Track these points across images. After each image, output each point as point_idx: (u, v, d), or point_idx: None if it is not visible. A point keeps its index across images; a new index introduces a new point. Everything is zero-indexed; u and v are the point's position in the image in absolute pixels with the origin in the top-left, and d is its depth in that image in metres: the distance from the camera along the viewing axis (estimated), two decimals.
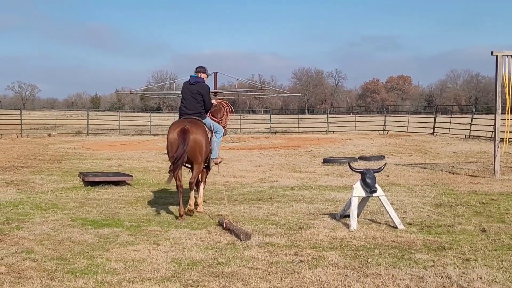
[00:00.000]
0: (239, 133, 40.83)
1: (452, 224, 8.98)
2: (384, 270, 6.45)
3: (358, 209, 9.02)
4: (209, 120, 10.45)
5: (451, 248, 7.45)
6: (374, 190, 8.84)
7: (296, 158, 20.88)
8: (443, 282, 6.02)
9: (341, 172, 16.00)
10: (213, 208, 10.58)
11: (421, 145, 26.67)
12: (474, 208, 10.40)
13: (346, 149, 24.89)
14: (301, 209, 10.34)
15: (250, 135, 39.13)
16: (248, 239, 7.91)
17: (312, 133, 40.74)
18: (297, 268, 6.59)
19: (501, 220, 9.29)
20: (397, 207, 10.21)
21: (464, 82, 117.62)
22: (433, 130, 36.05)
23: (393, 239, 7.98)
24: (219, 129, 10.57)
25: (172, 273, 6.39)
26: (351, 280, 6.14)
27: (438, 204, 10.79)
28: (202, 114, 10.21)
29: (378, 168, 9.49)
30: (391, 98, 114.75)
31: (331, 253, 7.23)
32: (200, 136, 9.75)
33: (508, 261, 6.76)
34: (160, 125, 47.46)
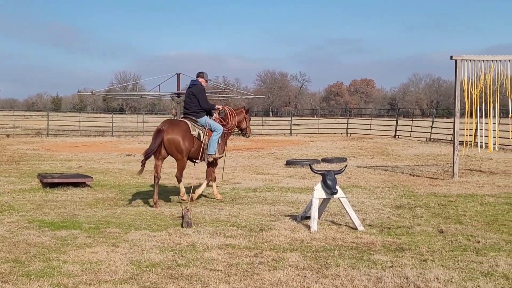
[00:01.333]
0: None
1: (411, 225, 9.08)
2: (343, 271, 6.48)
3: (319, 210, 9.05)
4: (205, 119, 11.40)
5: (410, 249, 7.53)
6: (334, 191, 8.88)
7: (259, 160, 20.91)
8: (400, 283, 6.07)
9: (303, 174, 16.07)
10: (174, 209, 10.49)
11: (383, 148, 26.96)
12: (433, 209, 10.54)
13: (309, 151, 25.02)
14: (262, 211, 10.33)
15: None
16: (188, 227, 8.72)
17: (275, 135, 40.86)
18: (256, 270, 6.57)
19: (459, 221, 9.43)
20: (357, 208, 10.29)
21: (426, 86, 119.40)
22: (395, 133, 36.50)
23: (353, 240, 8.03)
24: (217, 128, 11.46)
25: (130, 275, 6.30)
26: (310, 281, 6.15)
27: (398, 206, 10.90)
28: (197, 113, 11.37)
29: (339, 170, 9.55)
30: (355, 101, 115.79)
31: (291, 254, 7.24)
32: (175, 136, 10.89)
33: (464, 262, 6.86)
34: (122, 126, 47.09)
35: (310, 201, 9.11)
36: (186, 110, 11.55)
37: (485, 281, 6.08)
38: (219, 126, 11.57)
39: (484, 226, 9.07)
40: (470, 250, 7.48)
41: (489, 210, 10.47)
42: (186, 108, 11.56)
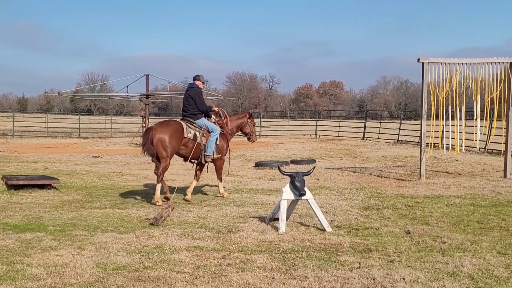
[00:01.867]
0: None
1: (379, 226, 9.15)
2: (311, 272, 6.49)
3: (287, 212, 9.06)
4: (202, 121, 11.84)
5: (377, 250, 7.58)
6: (303, 193, 8.90)
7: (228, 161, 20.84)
8: (367, 283, 6.11)
9: (272, 176, 16.08)
10: (142, 211, 10.40)
11: (352, 149, 27.16)
12: (400, 210, 10.64)
13: (278, 153, 25.06)
14: (231, 213, 10.31)
15: None
16: (155, 224, 8.98)
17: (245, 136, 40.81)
18: (224, 272, 6.54)
19: (425, 222, 9.53)
20: (326, 210, 10.33)
21: (394, 88, 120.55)
22: (363, 134, 36.80)
23: (321, 242, 8.05)
24: (214, 129, 11.91)
25: (96, 278, 6.22)
26: (278, 282, 6.15)
27: (366, 207, 10.98)
28: (195, 115, 11.83)
29: (307, 172, 9.58)
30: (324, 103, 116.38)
31: (259, 256, 7.23)
32: (163, 135, 11.27)
33: (430, 262, 6.93)
34: (90, 127, 46.57)
35: (278, 202, 9.12)
36: (184, 113, 11.98)
37: (450, 281, 6.15)
38: (216, 127, 11.99)
39: (450, 227, 9.18)
40: (436, 250, 7.57)
41: (455, 211, 10.61)
42: (184, 111, 11.98)
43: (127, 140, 34.28)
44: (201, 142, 11.83)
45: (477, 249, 7.62)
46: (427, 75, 15.36)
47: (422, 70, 15.35)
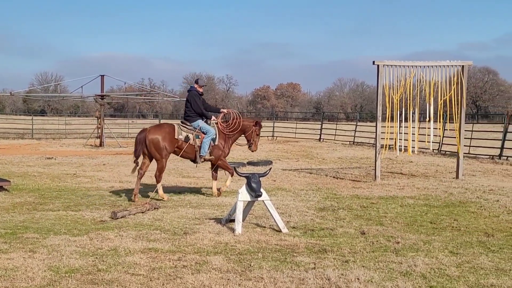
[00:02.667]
0: (127, 137, 40.03)
1: (334, 227, 9.22)
2: (267, 273, 6.49)
3: (243, 213, 9.05)
4: (198, 123, 12.33)
5: (332, 250, 7.64)
6: (259, 194, 8.90)
7: (185, 163, 20.68)
8: (322, 284, 6.14)
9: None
10: (96, 214, 10.24)
11: (308, 151, 27.32)
12: (355, 211, 10.74)
13: (235, 154, 25.01)
14: (187, 214, 10.24)
15: None
16: (114, 218, 9.57)
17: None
18: (179, 273, 6.50)
19: (380, 222, 9.65)
20: (282, 211, 10.35)
21: (350, 90, 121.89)
22: (320, 136, 37.07)
23: (276, 243, 8.07)
24: (208, 131, 12.33)
25: (48, 282, 6.10)
26: (234, 284, 6.13)
27: (322, 208, 11.05)
28: (191, 118, 12.40)
29: (264, 173, 9.60)
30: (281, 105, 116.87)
31: (215, 257, 7.20)
32: (155, 136, 11.98)
33: (384, 262, 7.02)
34: (44, 128, 45.70)
35: (234, 204, 9.10)
36: (183, 115, 12.68)
37: (403, 281, 6.24)
38: (211, 129, 12.38)
39: (404, 227, 9.32)
40: (390, 250, 7.67)
41: (408, 211, 10.77)
42: (184, 113, 12.68)
43: (82, 142, 33.77)
44: (194, 143, 12.28)
45: (429, 249, 7.75)
46: (382, 77, 15.56)
47: (377, 72, 15.55)
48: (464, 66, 15.93)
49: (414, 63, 15.76)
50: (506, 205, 11.38)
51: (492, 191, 13.32)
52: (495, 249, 7.79)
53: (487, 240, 8.37)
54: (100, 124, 31.23)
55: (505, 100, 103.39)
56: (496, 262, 7.08)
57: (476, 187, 14.01)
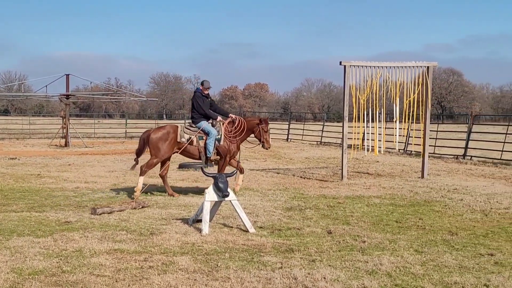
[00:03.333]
0: (93, 137, 39.60)
1: (301, 226, 9.25)
2: (233, 273, 6.48)
3: (210, 213, 9.02)
4: (201, 124, 12.59)
5: (299, 250, 7.66)
6: (226, 194, 8.87)
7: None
8: (289, 283, 6.16)
9: (196, 177, 15.98)
10: (61, 214, 10.09)
11: (276, 151, 27.36)
12: (322, 211, 10.79)
13: None
14: (153, 215, 10.17)
15: (105, 139, 38.09)
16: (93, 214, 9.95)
17: None
18: (146, 274, 6.45)
19: (346, 222, 9.71)
20: (249, 211, 10.35)
21: (318, 90, 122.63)
22: (287, 136, 37.17)
23: (244, 243, 8.06)
24: (210, 132, 12.55)
25: (11, 284, 6.00)
26: (200, 284, 6.11)
27: (289, 208, 11.07)
28: (195, 119, 12.74)
29: (231, 173, 9.58)
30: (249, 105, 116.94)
31: (182, 258, 7.16)
32: (155, 135, 12.47)
33: (351, 261, 7.06)
34: (7, 128, 44.92)
35: (201, 204, 9.06)
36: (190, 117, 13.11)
37: (369, 279, 6.29)
38: (213, 130, 12.58)
39: (370, 226, 9.40)
40: (356, 249, 7.72)
41: (374, 211, 10.87)
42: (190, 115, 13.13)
43: (47, 142, 33.26)
44: (197, 145, 12.58)
45: (395, 248, 7.83)
46: (348, 78, 15.67)
47: (344, 73, 15.65)
48: (429, 67, 16.14)
49: (380, 64, 15.91)
50: (469, 204, 11.56)
51: (456, 190, 13.52)
52: (459, 247, 7.90)
53: (451, 238, 8.49)
54: (65, 124, 30.80)
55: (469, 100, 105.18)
56: (459, 260, 7.19)
57: (440, 187, 14.20)
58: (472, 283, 6.21)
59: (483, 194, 12.81)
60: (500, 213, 10.62)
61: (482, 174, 17.50)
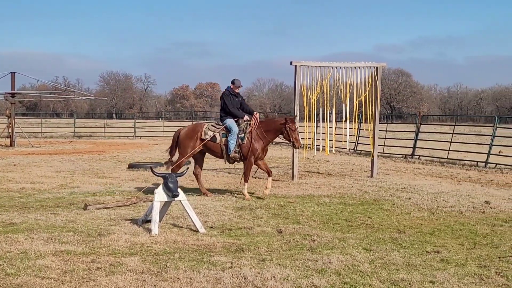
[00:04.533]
0: (39, 137, 38.76)
1: (252, 226, 9.24)
2: (183, 274, 6.42)
3: (160, 213, 8.93)
4: (226, 121, 12.59)
5: (249, 249, 7.64)
6: (176, 194, 8.79)
7: (101, 163, 20.28)
8: (239, 283, 6.13)
9: (146, 177, 15.79)
10: (5, 216, 9.81)
11: None
12: (273, 210, 10.81)
13: (153, 154, 24.70)
14: (102, 215, 9.99)
15: (53, 139, 37.34)
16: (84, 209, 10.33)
17: (119, 138, 39.96)
18: (93, 276, 6.32)
19: (297, 221, 9.75)
20: (200, 211, 10.28)
21: (269, 90, 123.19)
22: None
23: (193, 243, 8.00)
24: (232, 129, 12.48)
25: None
26: (149, 285, 6.03)
27: (240, 208, 11.05)
28: (222, 117, 12.82)
29: (181, 173, 9.51)
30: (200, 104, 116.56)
31: (130, 258, 7.05)
32: (182, 134, 12.89)
33: (300, 260, 7.08)
34: None
35: (151, 204, 8.96)
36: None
37: (318, 278, 6.32)
38: (234, 128, 12.50)
39: (320, 225, 9.46)
40: (306, 248, 7.75)
41: (324, 209, 10.95)
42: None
43: None
44: (220, 142, 12.64)
45: (344, 246, 7.89)
46: (299, 77, 15.75)
47: (295, 73, 15.73)
48: (378, 67, 16.36)
49: (330, 64, 16.05)
50: (417, 202, 11.77)
51: (404, 189, 13.74)
52: (406, 245, 8.03)
53: (399, 236, 8.61)
54: (11, 123, 30.04)
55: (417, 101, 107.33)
56: (407, 258, 7.30)
57: (389, 186, 14.41)
58: (418, 280, 6.31)
59: (430, 193, 13.06)
60: (446, 211, 10.85)
61: (429, 173, 17.86)
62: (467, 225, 9.55)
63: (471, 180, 16.31)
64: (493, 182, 15.74)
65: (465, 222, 9.80)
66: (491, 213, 10.71)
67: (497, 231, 9.12)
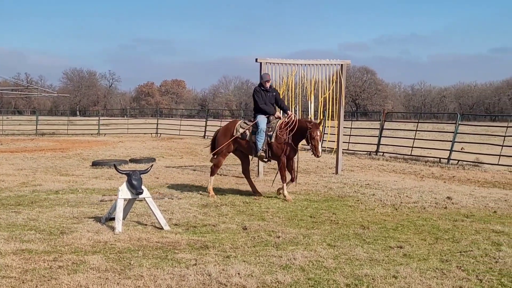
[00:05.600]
0: (0, 135, 38.05)
1: (217, 223, 9.22)
2: (147, 271, 6.37)
3: (124, 211, 8.85)
4: (257, 118, 12.23)
5: (214, 246, 7.63)
6: (140, 191, 8.73)
7: (64, 161, 20.00)
8: (203, 280, 6.11)
9: (110, 175, 15.64)
10: None
11: (192, 148, 27.22)
12: (238, 207, 10.80)
13: (117, 152, 24.46)
14: (64, 213, 9.86)
15: (14, 137, 36.67)
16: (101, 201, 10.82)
17: (82, 135, 39.46)
18: (55, 274, 6.23)
19: (262, 218, 9.77)
20: (164, 208, 10.22)
21: (235, 87, 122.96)
22: (204, 133, 37.06)
23: (158, 240, 7.95)
24: (259, 127, 12.09)
25: None
26: (112, 283, 5.97)
27: (205, 205, 11.02)
28: (254, 114, 12.53)
29: (145, 170, 9.44)
30: (166, 102, 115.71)
31: (93, 257, 6.97)
32: (219, 133, 12.86)
33: (265, 256, 7.10)
34: None
35: (115, 202, 8.88)
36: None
37: (283, 274, 6.33)
38: (262, 125, 12.10)
39: (285, 221, 9.49)
40: (271, 245, 7.77)
41: (289, 206, 10.98)
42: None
43: None
44: (250, 139, 12.30)
45: (309, 242, 7.93)
46: None
47: (260, 70, 15.72)
48: (343, 65, 16.47)
49: (295, 62, 16.09)
50: (381, 199, 11.89)
51: (368, 186, 13.87)
52: (370, 241, 8.10)
53: (363, 232, 8.69)
54: None
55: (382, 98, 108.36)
56: (370, 253, 7.37)
57: (354, 182, 14.53)
58: (381, 275, 6.37)
59: (394, 189, 13.20)
60: (409, 207, 10.98)
61: (393, 170, 18.06)
62: (429, 221, 9.70)
63: (434, 176, 16.55)
64: (455, 178, 16.01)
65: (427, 218, 9.95)
66: (453, 209, 10.88)
67: (459, 226, 9.27)
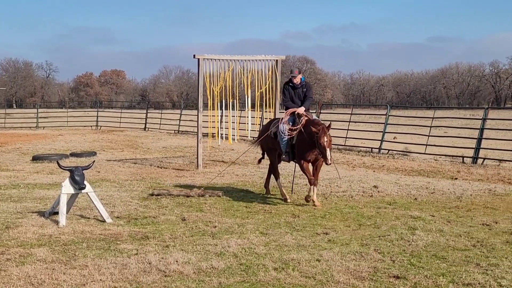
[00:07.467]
0: None
1: (157, 215, 9.74)
2: (91, 261, 6.87)
3: (67, 205, 9.25)
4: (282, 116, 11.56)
5: (154, 237, 8.17)
6: (82, 187, 9.16)
7: (3, 156, 20.03)
8: (144, 267, 6.66)
9: (51, 170, 15.87)
10: None
11: (133, 140, 27.46)
12: (178, 199, 11.32)
13: (57, 146, 24.52)
14: (8, 209, 10.17)
15: None
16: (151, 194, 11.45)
17: (20, 128, 38.97)
18: (3, 267, 6.65)
19: (200, 209, 10.34)
20: (106, 202, 10.64)
21: (176, 78, 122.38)
22: (145, 125, 37.17)
23: (101, 232, 8.42)
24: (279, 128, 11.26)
25: None
26: (59, 273, 6.44)
27: (145, 198, 11.50)
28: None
29: (87, 166, 9.85)
30: (105, 92, 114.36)
31: (39, 249, 7.40)
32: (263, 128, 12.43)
33: (202, 245, 7.69)
34: None
35: (58, 196, 9.26)
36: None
37: (217, 260, 6.94)
38: (280, 126, 11.22)
39: (222, 212, 10.09)
40: (208, 234, 8.37)
41: (226, 197, 11.58)
42: None
43: None
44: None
45: (243, 231, 8.57)
46: (202, 69, 16.27)
47: (198, 65, 16.23)
48: (278, 60, 17.11)
49: (232, 57, 16.65)
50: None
51: (302, 176, 14.52)
52: (299, 228, 8.80)
53: (293, 220, 9.38)
54: None
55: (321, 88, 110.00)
56: (298, 240, 8.06)
57: (289, 172, 15.18)
58: (306, 259, 7.05)
59: (326, 179, 13.96)
60: (338, 196, 11.76)
61: None
62: (355, 208, 10.48)
63: (365, 165, 17.45)
64: (384, 167, 16.93)
65: (354, 206, 10.74)
66: (378, 197, 11.72)
67: (381, 213, 10.09)
